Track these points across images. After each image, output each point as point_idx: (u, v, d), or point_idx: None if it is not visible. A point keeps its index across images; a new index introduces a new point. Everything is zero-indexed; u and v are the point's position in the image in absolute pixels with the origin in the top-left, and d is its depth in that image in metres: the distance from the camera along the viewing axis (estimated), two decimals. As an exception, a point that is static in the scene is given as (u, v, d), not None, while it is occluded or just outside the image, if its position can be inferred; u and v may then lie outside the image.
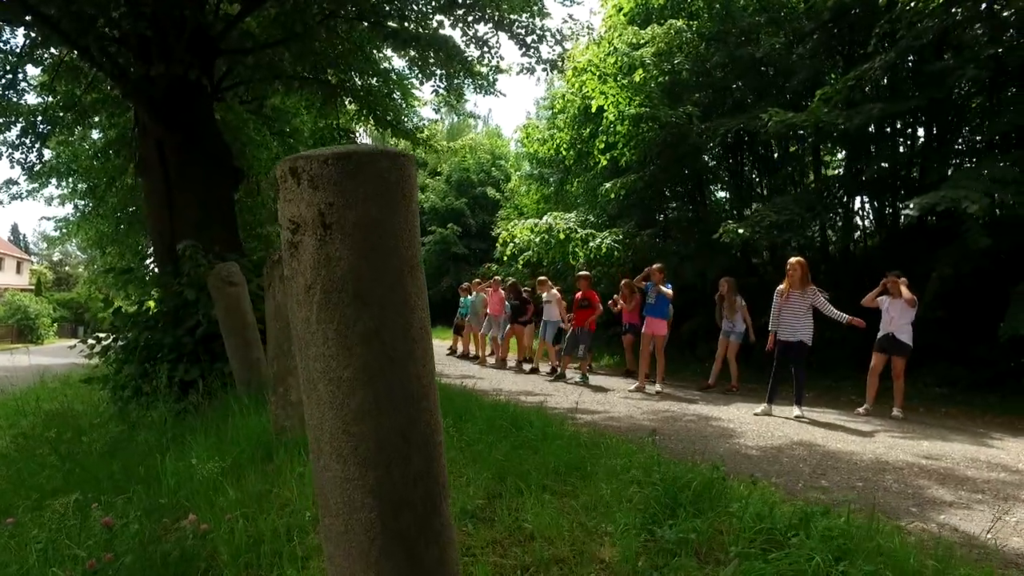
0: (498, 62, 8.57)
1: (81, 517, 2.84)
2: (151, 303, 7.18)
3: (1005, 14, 8.38)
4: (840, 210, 12.04)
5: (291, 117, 13.74)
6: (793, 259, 6.98)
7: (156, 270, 8.30)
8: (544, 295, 10.73)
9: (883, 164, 9.54)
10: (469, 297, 13.58)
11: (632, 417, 6.36)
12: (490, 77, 8.91)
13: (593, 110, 12.48)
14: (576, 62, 12.49)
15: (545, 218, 14.47)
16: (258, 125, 11.63)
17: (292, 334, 1.33)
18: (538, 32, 7.90)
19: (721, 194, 15.67)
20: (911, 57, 8.93)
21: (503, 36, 8.24)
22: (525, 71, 8.67)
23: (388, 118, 11.92)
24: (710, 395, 8.50)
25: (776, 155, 12.66)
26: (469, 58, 8.90)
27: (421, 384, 1.32)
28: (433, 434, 1.35)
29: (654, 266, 8.65)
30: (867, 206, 12.35)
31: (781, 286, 6.99)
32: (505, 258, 15.74)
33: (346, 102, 11.86)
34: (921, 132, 10.51)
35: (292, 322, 1.29)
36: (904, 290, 6.98)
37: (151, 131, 7.54)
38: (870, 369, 7.24)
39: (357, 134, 12.94)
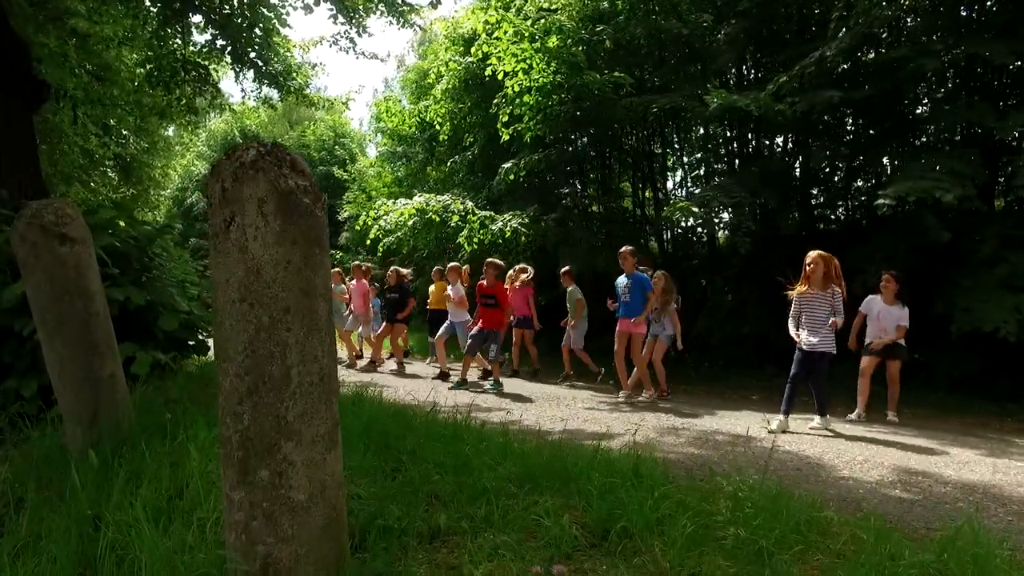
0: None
1: None
2: None
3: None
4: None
5: (103, 49, 10.36)
6: (813, 252, 5.66)
7: None
8: (450, 287, 8.85)
9: (831, 152, 9.10)
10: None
11: (661, 441, 4.87)
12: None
13: (500, 77, 10.87)
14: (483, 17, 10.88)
15: (417, 198, 12.70)
16: (61, 40, 8.34)
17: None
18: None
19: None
20: (865, 46, 8.52)
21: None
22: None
23: (250, 55, 9.29)
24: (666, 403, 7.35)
25: (702, 138, 12.16)
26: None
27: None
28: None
29: (624, 249, 7.25)
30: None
31: (800, 287, 5.72)
32: (368, 242, 13.78)
33: (193, 28, 9.01)
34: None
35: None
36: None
37: None
38: (861, 371, 6.51)
39: (214, 73, 9.99)
